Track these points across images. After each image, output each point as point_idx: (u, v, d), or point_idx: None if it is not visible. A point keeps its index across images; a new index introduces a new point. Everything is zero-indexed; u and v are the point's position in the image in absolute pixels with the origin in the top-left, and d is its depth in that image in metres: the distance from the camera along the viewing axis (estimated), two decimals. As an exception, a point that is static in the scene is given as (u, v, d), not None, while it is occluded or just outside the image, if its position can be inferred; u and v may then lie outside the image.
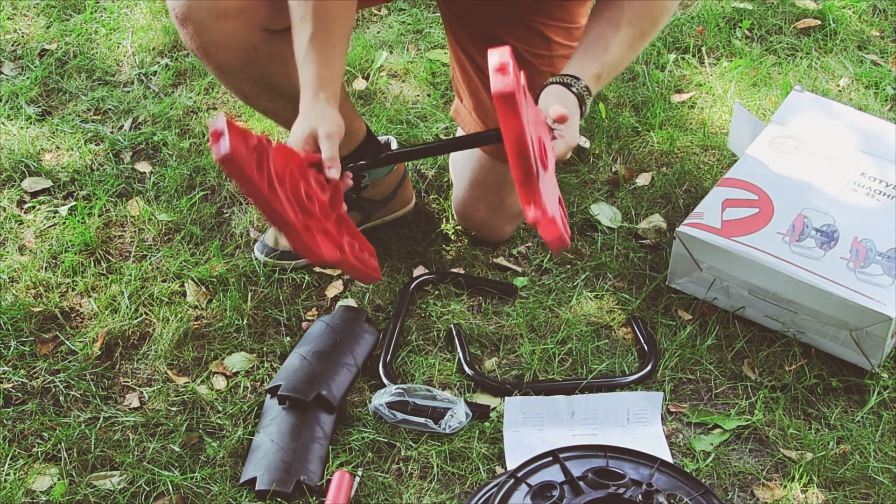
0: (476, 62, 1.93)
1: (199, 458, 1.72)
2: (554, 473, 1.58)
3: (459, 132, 2.05)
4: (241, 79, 1.85)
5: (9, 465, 1.70)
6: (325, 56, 1.62)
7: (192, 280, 2.01)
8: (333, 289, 2.01)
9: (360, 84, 2.49)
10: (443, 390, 1.81)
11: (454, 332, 1.91)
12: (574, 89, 1.62)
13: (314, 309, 1.97)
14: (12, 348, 1.88)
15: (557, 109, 1.53)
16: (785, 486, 1.69)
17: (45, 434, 1.75)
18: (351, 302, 1.98)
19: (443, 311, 1.97)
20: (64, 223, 2.12)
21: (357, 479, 1.68)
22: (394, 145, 2.14)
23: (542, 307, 1.98)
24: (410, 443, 1.74)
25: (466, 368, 1.85)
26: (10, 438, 1.74)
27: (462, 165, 2.05)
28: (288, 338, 1.92)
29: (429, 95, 2.46)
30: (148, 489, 1.67)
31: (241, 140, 1.36)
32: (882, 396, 1.82)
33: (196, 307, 1.97)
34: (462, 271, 2.05)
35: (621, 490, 1.54)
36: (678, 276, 1.99)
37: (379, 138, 2.09)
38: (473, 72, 1.95)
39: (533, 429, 1.76)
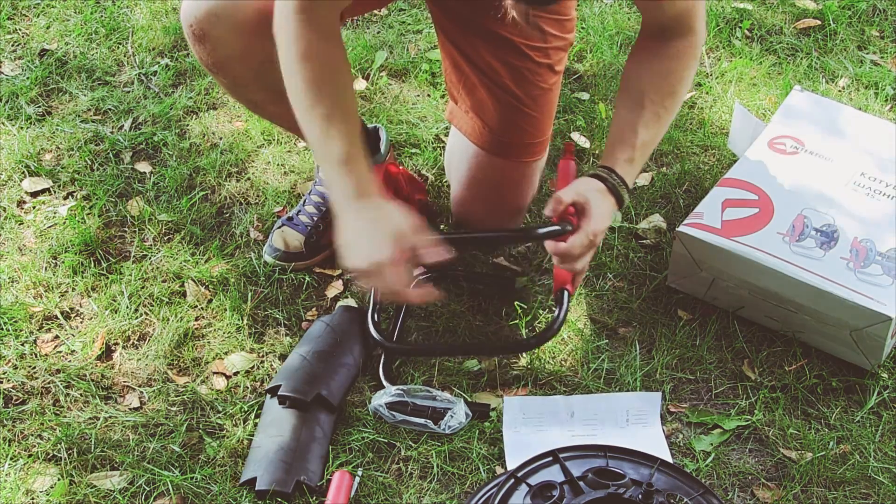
0: (472, 60, 1.93)
1: (199, 458, 1.72)
2: (554, 473, 1.58)
3: (453, 131, 2.06)
4: (253, 89, 1.85)
5: (9, 465, 1.70)
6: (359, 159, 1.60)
7: (192, 280, 2.01)
8: (333, 289, 2.01)
9: (360, 84, 2.48)
10: (442, 391, 1.81)
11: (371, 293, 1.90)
12: (608, 182, 1.73)
13: (314, 309, 1.97)
14: (12, 348, 1.88)
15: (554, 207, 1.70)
16: (785, 486, 1.69)
17: (45, 434, 1.75)
18: (351, 302, 1.98)
19: (443, 311, 1.97)
20: (64, 223, 2.12)
21: (357, 479, 1.68)
22: (382, 134, 2.15)
23: (543, 307, 1.98)
24: (410, 443, 1.74)
25: (369, 326, 1.85)
26: (10, 438, 1.74)
27: (458, 164, 2.05)
28: (288, 338, 1.92)
29: (429, 95, 2.46)
30: (148, 489, 1.67)
31: None
32: (882, 396, 1.82)
33: (196, 307, 1.96)
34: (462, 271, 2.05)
35: (621, 490, 1.54)
36: (678, 276, 1.99)
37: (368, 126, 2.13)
38: (470, 70, 1.95)
39: (533, 429, 1.76)
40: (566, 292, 1.81)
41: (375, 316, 1.86)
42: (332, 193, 1.62)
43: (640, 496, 1.52)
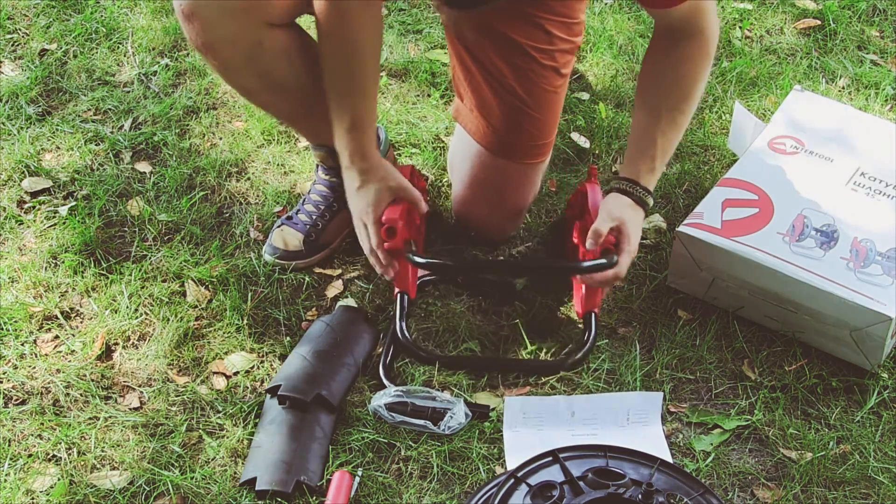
0: (478, 58, 1.94)
1: (199, 458, 1.72)
2: (554, 473, 1.58)
3: (458, 129, 2.06)
4: (244, 74, 1.85)
5: (9, 465, 1.70)
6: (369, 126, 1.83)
7: (192, 280, 2.01)
8: (333, 289, 2.01)
9: (360, 84, 2.48)
10: (442, 391, 1.81)
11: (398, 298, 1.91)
12: (634, 195, 1.80)
13: (314, 309, 1.97)
14: (12, 348, 1.88)
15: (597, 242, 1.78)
16: (785, 486, 1.69)
17: (45, 434, 1.75)
18: (351, 302, 1.98)
19: (443, 310, 1.97)
20: (64, 223, 2.12)
21: (357, 479, 1.68)
22: (381, 134, 2.15)
23: (542, 307, 1.98)
24: (410, 443, 1.74)
25: (398, 333, 1.87)
26: (10, 438, 1.74)
27: (461, 163, 2.05)
28: (288, 338, 1.92)
29: (429, 95, 2.46)
30: (148, 489, 1.67)
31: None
32: (882, 396, 1.82)
33: (196, 307, 1.96)
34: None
35: (621, 490, 1.54)
36: (678, 276, 1.99)
37: None
38: (475, 68, 1.95)
39: (533, 429, 1.76)
40: (594, 314, 1.88)
41: (404, 323, 1.87)
42: (339, 155, 1.83)
43: (640, 496, 1.52)
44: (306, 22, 1.87)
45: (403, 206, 1.83)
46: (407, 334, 1.87)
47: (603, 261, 1.78)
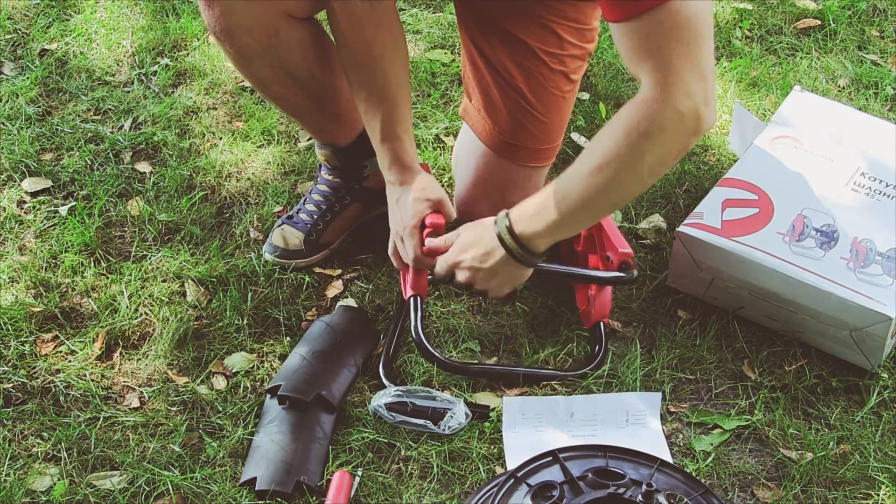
0: (488, 58, 1.94)
1: (199, 458, 1.72)
2: (554, 473, 1.58)
3: (464, 128, 2.06)
4: (259, 64, 1.86)
5: (9, 465, 1.70)
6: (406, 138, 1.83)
7: (192, 280, 2.01)
8: (333, 289, 2.01)
9: (360, 84, 2.48)
10: (442, 391, 1.81)
11: (412, 302, 1.87)
12: (496, 227, 1.72)
13: (314, 309, 1.97)
14: (12, 348, 1.88)
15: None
16: (785, 486, 1.69)
17: (45, 434, 1.75)
18: (351, 302, 1.98)
19: (443, 310, 1.97)
20: (64, 223, 2.12)
21: (357, 479, 1.68)
22: None
23: (543, 307, 1.98)
24: (410, 443, 1.74)
25: (415, 335, 1.84)
26: (10, 438, 1.74)
27: (466, 162, 2.05)
28: (288, 338, 1.92)
29: (429, 95, 2.46)
30: (148, 489, 1.67)
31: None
32: (882, 396, 1.82)
33: (196, 307, 1.96)
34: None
35: (621, 490, 1.54)
36: (678, 276, 1.99)
37: None
38: (485, 68, 1.95)
39: (532, 430, 1.76)
40: (602, 324, 1.88)
41: (420, 328, 1.85)
42: (382, 171, 1.85)
43: (640, 496, 1.52)
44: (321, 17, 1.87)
45: (442, 215, 1.84)
46: (423, 337, 1.85)
47: (622, 274, 1.82)
